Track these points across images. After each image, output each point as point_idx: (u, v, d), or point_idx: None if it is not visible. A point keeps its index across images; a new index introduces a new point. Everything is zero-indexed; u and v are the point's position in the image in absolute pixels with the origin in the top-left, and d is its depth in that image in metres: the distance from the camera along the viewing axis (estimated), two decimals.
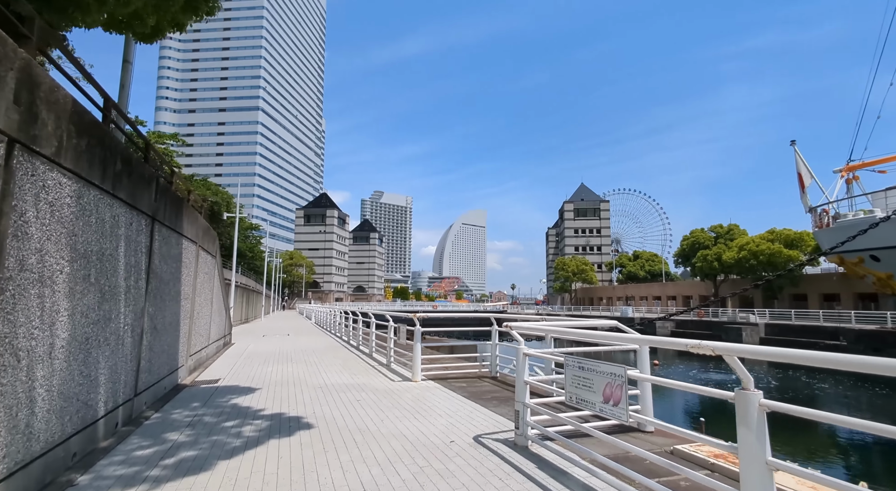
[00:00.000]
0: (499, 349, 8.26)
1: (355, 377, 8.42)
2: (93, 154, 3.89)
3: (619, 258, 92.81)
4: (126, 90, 7.57)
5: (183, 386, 7.66)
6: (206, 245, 10.03)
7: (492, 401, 6.22)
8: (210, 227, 10.57)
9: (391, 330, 9.79)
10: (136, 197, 5.08)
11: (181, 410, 5.87)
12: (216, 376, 8.70)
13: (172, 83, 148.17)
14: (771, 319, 37.22)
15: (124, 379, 5.05)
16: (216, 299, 11.93)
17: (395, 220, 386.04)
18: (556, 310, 78.50)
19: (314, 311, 34.36)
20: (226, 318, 14.26)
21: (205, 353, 10.37)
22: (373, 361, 10.64)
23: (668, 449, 4.05)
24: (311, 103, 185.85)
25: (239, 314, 33.21)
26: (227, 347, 14.24)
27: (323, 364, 10.27)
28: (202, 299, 9.76)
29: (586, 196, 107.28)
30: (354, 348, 13.58)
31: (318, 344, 15.20)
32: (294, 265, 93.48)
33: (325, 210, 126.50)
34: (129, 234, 4.94)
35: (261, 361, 10.93)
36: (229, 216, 26.31)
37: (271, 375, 8.83)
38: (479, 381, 7.85)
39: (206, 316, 10.46)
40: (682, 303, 62.32)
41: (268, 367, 9.93)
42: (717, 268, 47.91)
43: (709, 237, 51.94)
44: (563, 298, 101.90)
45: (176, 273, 7.23)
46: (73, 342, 3.76)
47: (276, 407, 6.04)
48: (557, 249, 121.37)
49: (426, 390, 7.03)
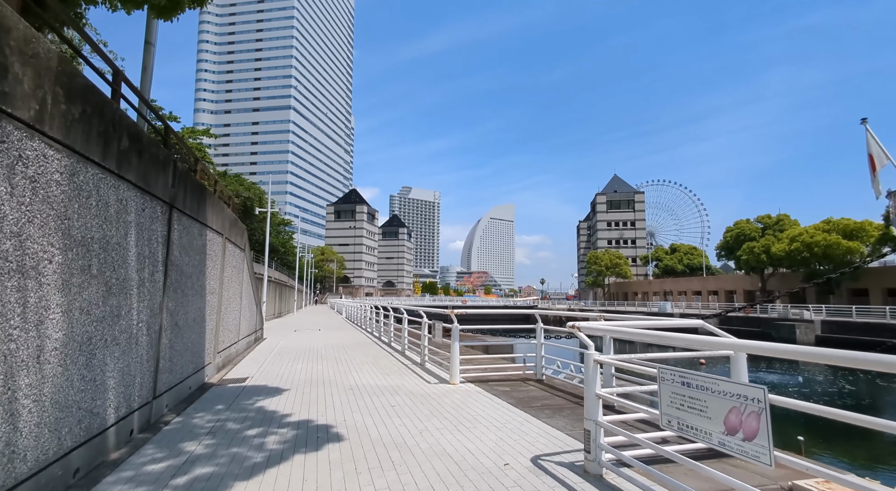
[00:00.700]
0: (544, 349, 7.47)
1: (388, 377, 7.83)
2: (89, 125, 3.36)
3: (654, 251, 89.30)
4: (148, 73, 7.18)
5: (209, 385, 7.27)
6: (234, 238, 9.67)
7: (543, 410, 5.46)
8: (238, 220, 10.23)
9: (425, 327, 9.15)
10: (149, 180, 4.59)
11: (203, 414, 5.41)
12: (244, 375, 8.32)
13: (209, 85, 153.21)
14: (828, 316, 34.53)
15: (140, 381, 4.59)
16: (246, 294, 11.65)
17: (423, 216, 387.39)
18: (589, 305, 76.37)
19: (345, 305, 34.37)
20: (257, 313, 14.05)
21: (234, 349, 10.07)
22: (405, 360, 10.05)
23: (785, 486, 3.19)
24: (340, 101, 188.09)
25: (272, 309, 33.60)
26: (259, 342, 14.04)
27: (354, 362, 9.77)
28: (230, 294, 9.42)
29: (619, 188, 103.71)
30: (386, 345, 13.07)
31: (348, 340, 14.81)
32: (325, 260, 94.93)
33: (355, 206, 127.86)
34: (142, 221, 4.46)
35: (291, 358, 10.55)
36: (261, 211, 26.41)
37: (300, 373, 8.37)
38: (523, 384, 7.10)
39: (235, 311, 10.14)
40: (725, 298, 59.21)
41: (297, 364, 9.51)
42: (764, 261, 44.96)
43: (755, 228, 48.83)
44: (596, 292, 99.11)
45: (200, 266, 6.81)
46: (71, 343, 3.27)
47: (303, 412, 5.50)
48: (589, 242, 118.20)
49: (467, 395, 6.34)
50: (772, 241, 44.39)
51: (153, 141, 4.66)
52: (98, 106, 3.49)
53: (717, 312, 44.79)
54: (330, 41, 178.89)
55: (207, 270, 7.30)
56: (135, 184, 4.25)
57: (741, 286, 57.15)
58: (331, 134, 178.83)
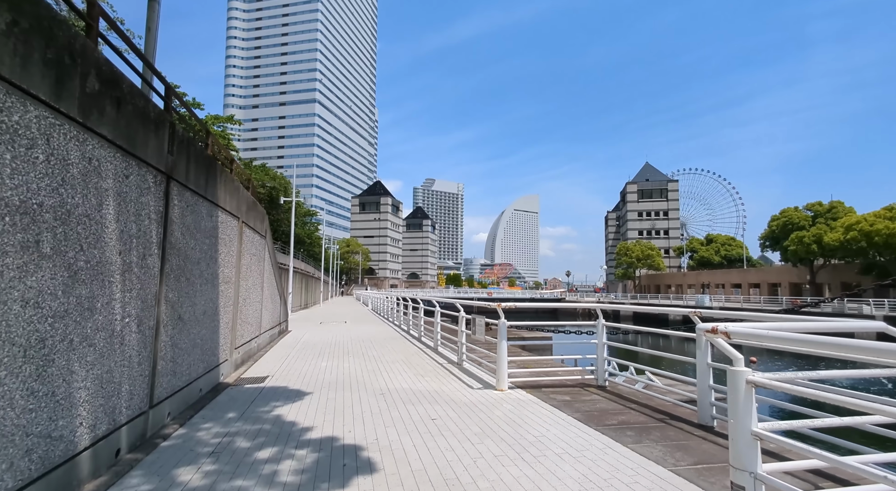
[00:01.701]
0: (607, 350, 6.32)
1: (423, 380, 6.85)
2: (26, 46, 2.43)
3: (689, 242, 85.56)
4: (153, 34, 6.34)
5: (224, 386, 6.47)
6: (253, 222, 8.86)
7: (623, 430, 4.35)
8: (257, 203, 9.41)
9: (462, 322, 8.12)
10: (135, 141, 3.68)
11: (211, 425, 4.55)
12: (264, 372, 7.51)
13: (238, 81, 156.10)
14: (891, 311, 31.70)
15: (129, 389, 3.74)
16: (268, 284, 10.90)
17: (446, 208, 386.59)
18: (621, 298, 73.92)
19: (371, 297, 33.84)
20: (280, 304, 13.37)
21: (255, 344, 9.32)
22: (440, 358, 9.07)
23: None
24: (364, 94, 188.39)
25: (298, 300, 33.38)
26: (283, 335, 13.37)
27: (384, 359, 8.86)
28: (250, 284, 8.63)
29: (651, 176, 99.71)
30: (416, 340, 12.15)
31: (376, 333, 13.98)
32: (350, 252, 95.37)
33: (380, 197, 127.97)
34: (124, 190, 3.56)
35: (315, 353, 9.74)
36: (286, 201, 25.93)
37: (325, 372, 7.50)
38: (584, 392, 5.99)
39: (256, 302, 9.38)
40: (768, 291, 55.90)
41: (322, 361, 8.66)
42: (815, 251, 41.85)
43: (805, 217, 45.53)
44: (626, 285, 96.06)
45: (210, 251, 5.96)
46: (7, 348, 2.37)
47: (327, 426, 4.56)
48: (618, 233, 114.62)
49: (521, 406, 5.28)
50: (824, 231, 41.21)
51: (139, 92, 3.75)
52: (41, 19, 2.55)
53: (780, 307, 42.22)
54: (354, 34, 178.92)
55: (220, 257, 6.46)
56: (112, 142, 3.34)
57: (786, 279, 53.76)
58: (355, 127, 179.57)
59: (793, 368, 23.89)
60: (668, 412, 4.93)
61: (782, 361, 25.47)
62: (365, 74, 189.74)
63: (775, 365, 24.98)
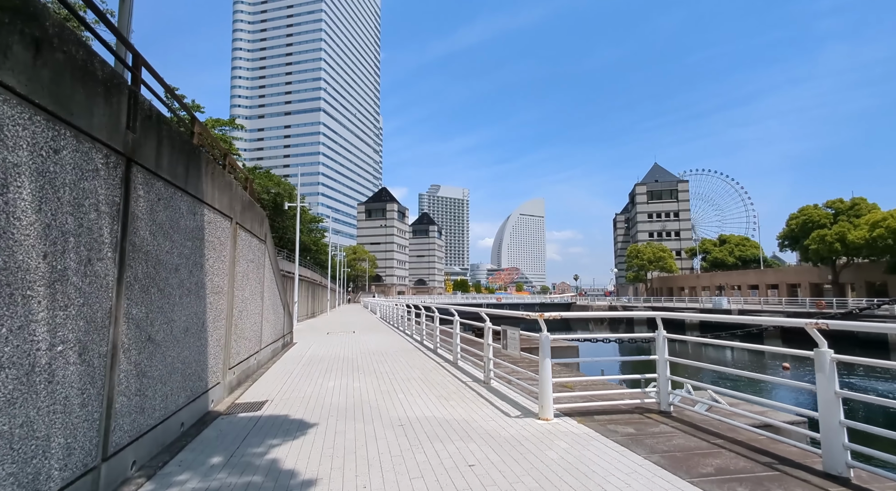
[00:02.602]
0: (668, 367, 5.24)
1: (448, 405, 5.80)
2: None
3: (701, 244, 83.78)
4: (127, 4, 5.43)
5: (215, 415, 5.47)
6: (250, 225, 7.91)
7: (730, 484, 3.26)
8: (255, 204, 8.46)
9: (488, 334, 7.07)
10: (69, 103, 2.72)
11: (187, 477, 3.54)
12: (263, 396, 6.51)
13: (243, 92, 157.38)
14: None
15: (64, 443, 2.73)
16: (269, 294, 9.94)
17: (452, 213, 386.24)
18: (632, 302, 72.34)
19: (379, 305, 32.85)
20: (285, 315, 12.40)
21: (254, 361, 8.32)
22: (461, 374, 8.01)
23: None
24: (368, 101, 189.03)
25: (304, 309, 32.47)
26: (287, 348, 12.38)
27: (398, 377, 7.81)
28: (247, 293, 7.66)
29: (661, 177, 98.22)
30: (431, 353, 11.10)
31: (386, 344, 12.95)
32: (357, 259, 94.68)
33: (385, 204, 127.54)
34: (50, 169, 2.58)
35: (322, 369, 8.72)
36: (290, 206, 25.09)
37: (333, 395, 6.48)
38: (647, 421, 4.90)
39: (255, 314, 8.40)
40: (787, 292, 54.12)
41: (329, 380, 7.63)
42: (838, 250, 40.25)
43: (825, 214, 43.93)
44: (637, 288, 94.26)
45: (194, 256, 4.99)
46: None
47: (335, 478, 3.52)
48: (628, 235, 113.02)
49: (577, 443, 4.21)
50: (847, 228, 39.63)
51: (76, 39, 2.78)
52: None
53: (802, 309, 40.69)
54: (357, 44, 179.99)
55: (208, 263, 5.49)
56: (26, 98, 2.36)
57: (806, 279, 52.02)
58: (360, 134, 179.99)
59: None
60: (771, 452, 3.83)
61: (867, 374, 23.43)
62: (369, 82, 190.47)
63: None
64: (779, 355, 27.37)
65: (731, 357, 30.08)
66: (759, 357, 28.89)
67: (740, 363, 27.84)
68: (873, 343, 29.73)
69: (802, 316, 37.38)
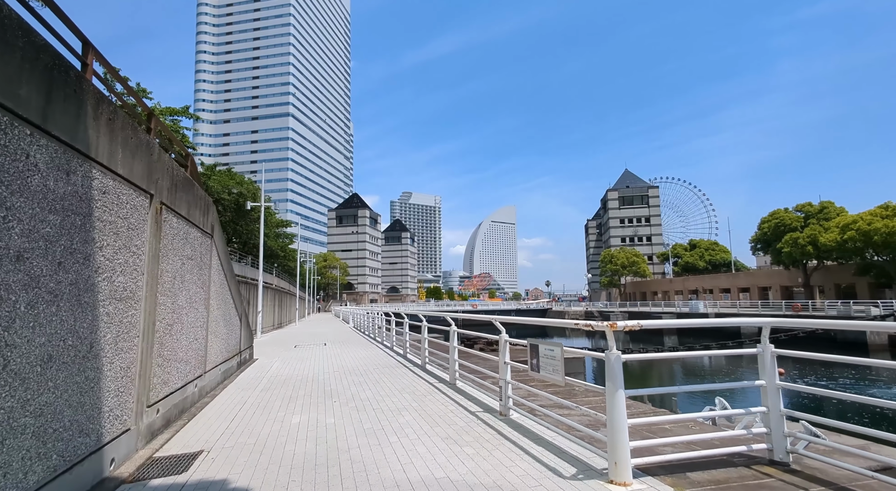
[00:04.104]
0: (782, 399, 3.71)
1: (463, 454, 4.08)
2: None
3: (673, 248, 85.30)
4: None
5: (114, 483, 3.56)
6: (187, 210, 5.99)
7: None
8: (194, 184, 6.51)
9: (504, 350, 5.39)
10: None
11: None
12: (197, 444, 4.61)
13: (208, 95, 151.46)
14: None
15: None
16: (219, 302, 7.96)
17: (424, 221, 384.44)
18: (608, 306, 72.42)
19: (352, 313, 30.67)
20: (241, 327, 10.35)
21: (194, 389, 6.35)
22: (464, 400, 6.32)
23: None
24: (339, 108, 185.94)
25: (270, 319, 29.93)
26: (245, 366, 10.33)
27: (385, 407, 6.03)
28: (181, 301, 5.73)
29: (632, 182, 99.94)
30: (419, 368, 9.35)
31: (364, 359, 11.09)
32: (328, 266, 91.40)
33: (357, 210, 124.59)
34: None
35: (285, 398, 6.83)
36: (254, 206, 22.77)
37: (298, 441, 4.64)
38: (763, 480, 3.35)
39: (196, 328, 6.44)
40: (759, 295, 55.16)
41: (294, 414, 5.77)
42: (810, 253, 40.95)
43: (796, 218, 44.83)
44: (610, 293, 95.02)
45: (68, 241, 3.13)
46: None
47: None
48: (600, 241, 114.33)
49: None
50: (818, 231, 40.39)
51: None
52: None
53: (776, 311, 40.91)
54: (327, 50, 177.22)
55: (101, 254, 3.61)
56: None
57: (777, 282, 53.12)
58: (330, 141, 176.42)
59: None
60: None
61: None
62: (339, 89, 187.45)
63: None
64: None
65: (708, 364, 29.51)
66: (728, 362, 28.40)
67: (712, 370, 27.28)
68: (851, 344, 29.84)
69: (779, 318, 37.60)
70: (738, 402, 14.40)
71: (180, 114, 18.91)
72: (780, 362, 3.98)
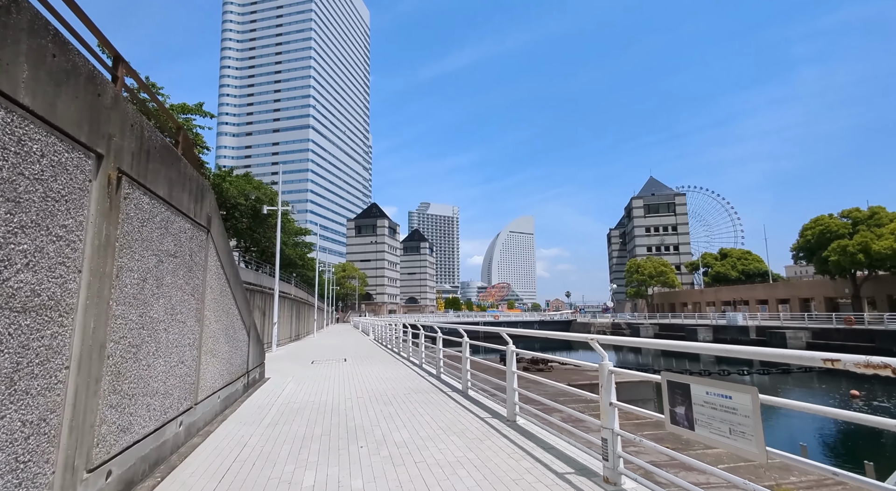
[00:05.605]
0: None
1: None
2: None
3: (702, 257, 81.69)
4: None
5: None
6: (167, 190, 4.52)
7: None
8: (183, 160, 5.03)
9: (609, 384, 3.68)
10: None
11: None
12: None
13: (231, 109, 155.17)
14: None
15: None
16: (217, 313, 6.47)
17: (442, 231, 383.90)
18: (638, 318, 69.28)
19: (371, 325, 29.17)
20: (250, 343, 8.84)
21: (177, 429, 4.79)
22: (534, 447, 4.60)
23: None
24: (358, 120, 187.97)
25: (287, 331, 28.64)
26: (252, 389, 8.80)
27: (430, 458, 4.36)
28: (158, 313, 4.22)
29: (657, 190, 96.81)
30: (461, 396, 7.65)
31: (392, 381, 9.45)
32: (347, 277, 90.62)
33: (376, 220, 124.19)
34: None
35: (296, 439, 5.22)
36: (270, 210, 21.60)
37: None
38: None
39: (182, 348, 4.92)
40: (799, 306, 51.60)
41: (307, 471, 4.15)
42: (861, 261, 37.82)
43: (843, 224, 41.66)
44: (636, 304, 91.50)
45: None
46: None
47: None
48: (624, 250, 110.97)
49: None
50: (870, 238, 37.30)
51: None
52: None
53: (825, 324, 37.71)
54: (347, 64, 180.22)
55: (19, 231, 2.09)
56: None
57: (820, 293, 49.59)
58: (349, 152, 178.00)
59: None
60: None
61: None
62: (358, 101, 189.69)
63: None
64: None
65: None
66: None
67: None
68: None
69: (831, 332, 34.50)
70: None
71: (194, 112, 17.91)
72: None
